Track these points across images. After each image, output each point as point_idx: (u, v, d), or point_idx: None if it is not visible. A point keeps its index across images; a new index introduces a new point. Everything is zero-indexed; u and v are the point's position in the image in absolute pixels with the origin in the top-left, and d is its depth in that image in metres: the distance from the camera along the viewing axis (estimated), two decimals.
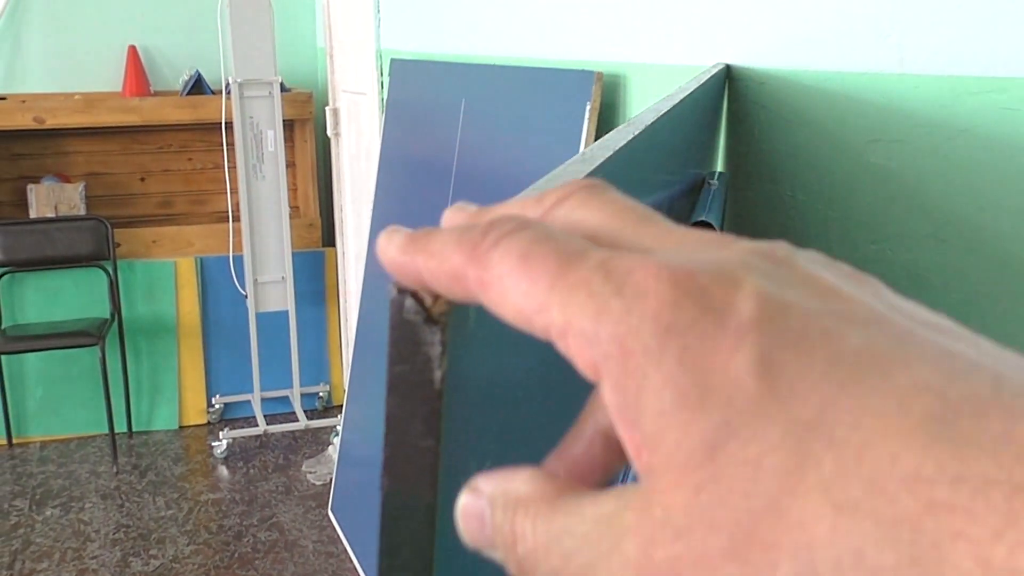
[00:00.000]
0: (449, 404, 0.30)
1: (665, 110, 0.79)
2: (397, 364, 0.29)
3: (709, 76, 1.24)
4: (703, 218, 0.83)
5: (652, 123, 0.71)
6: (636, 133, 0.64)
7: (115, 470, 3.81)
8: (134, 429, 4.17)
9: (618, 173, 0.59)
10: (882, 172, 1.19)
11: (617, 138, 0.61)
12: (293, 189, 4.62)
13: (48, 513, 3.47)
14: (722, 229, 1.40)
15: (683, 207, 0.99)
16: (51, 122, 4.14)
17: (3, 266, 3.95)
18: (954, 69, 1.07)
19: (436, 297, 0.29)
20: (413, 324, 0.29)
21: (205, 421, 4.27)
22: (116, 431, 4.01)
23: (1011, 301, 1.03)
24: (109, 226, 4.03)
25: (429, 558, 0.30)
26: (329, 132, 4.19)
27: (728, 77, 1.47)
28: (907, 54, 1.14)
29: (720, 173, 1.33)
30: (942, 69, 1.09)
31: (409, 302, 0.29)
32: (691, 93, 1.01)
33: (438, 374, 0.29)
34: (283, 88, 4.06)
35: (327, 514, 3.41)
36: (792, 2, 1.32)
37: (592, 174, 0.50)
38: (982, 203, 1.07)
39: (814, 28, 1.28)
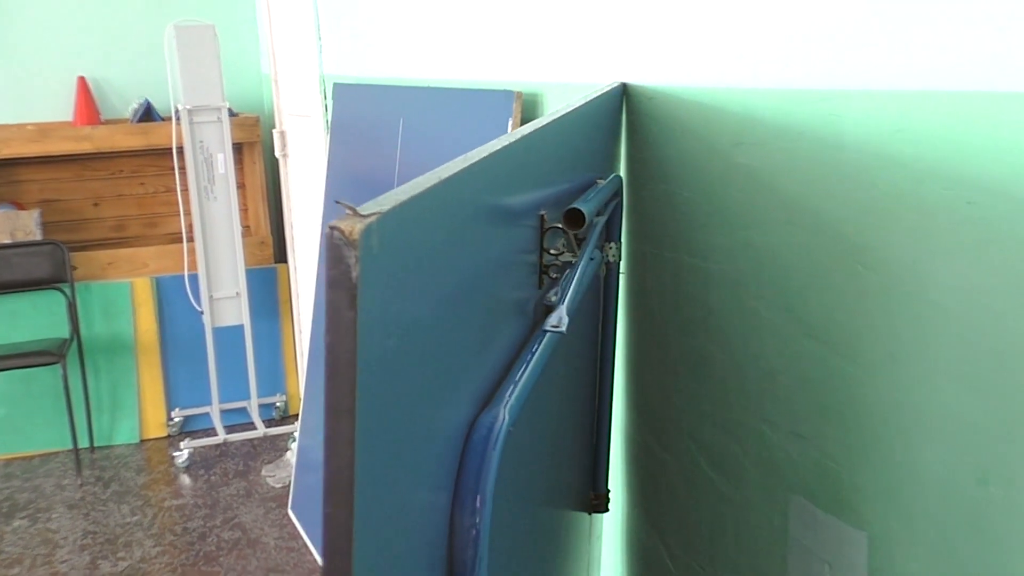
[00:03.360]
0: (364, 294, 0.53)
1: (544, 123, 1.01)
2: (331, 269, 0.52)
3: (602, 93, 1.48)
4: (575, 206, 1.06)
5: (529, 133, 0.93)
6: (511, 141, 0.87)
7: (79, 482, 3.96)
8: (96, 444, 4.31)
9: (496, 171, 0.82)
10: (747, 170, 1.44)
11: (495, 144, 0.83)
12: (244, 209, 4.80)
13: (16, 524, 3.61)
14: (620, 223, 1.62)
15: (568, 201, 1.21)
16: (5, 152, 4.29)
17: None
18: (793, 83, 1.32)
19: (352, 228, 0.51)
20: (339, 245, 0.51)
21: (165, 434, 4.42)
22: (79, 447, 4.16)
23: (842, 274, 1.27)
24: (66, 250, 4.19)
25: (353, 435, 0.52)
26: (277, 153, 4.38)
27: (625, 93, 1.71)
28: (760, 71, 1.38)
29: (614, 176, 1.56)
30: (785, 83, 1.33)
31: (336, 233, 0.52)
32: (577, 108, 1.24)
33: (355, 273, 0.51)
34: (231, 113, 4.24)
35: (287, 513, 3.60)
36: (672, 28, 1.56)
37: (469, 168, 0.73)
38: (821, 192, 1.31)
39: (687, 51, 1.53)
